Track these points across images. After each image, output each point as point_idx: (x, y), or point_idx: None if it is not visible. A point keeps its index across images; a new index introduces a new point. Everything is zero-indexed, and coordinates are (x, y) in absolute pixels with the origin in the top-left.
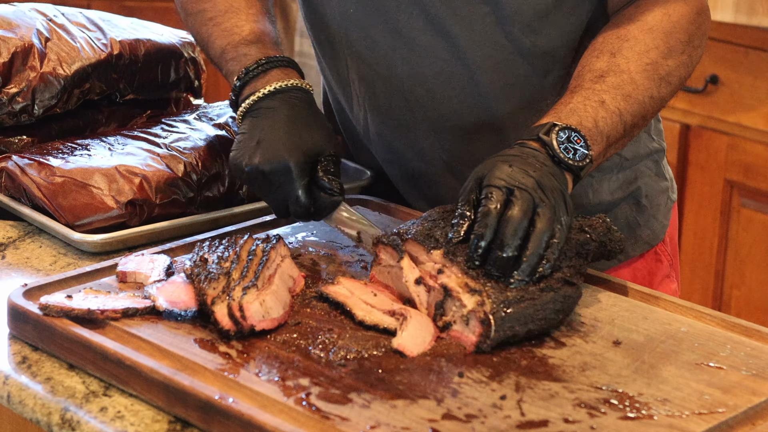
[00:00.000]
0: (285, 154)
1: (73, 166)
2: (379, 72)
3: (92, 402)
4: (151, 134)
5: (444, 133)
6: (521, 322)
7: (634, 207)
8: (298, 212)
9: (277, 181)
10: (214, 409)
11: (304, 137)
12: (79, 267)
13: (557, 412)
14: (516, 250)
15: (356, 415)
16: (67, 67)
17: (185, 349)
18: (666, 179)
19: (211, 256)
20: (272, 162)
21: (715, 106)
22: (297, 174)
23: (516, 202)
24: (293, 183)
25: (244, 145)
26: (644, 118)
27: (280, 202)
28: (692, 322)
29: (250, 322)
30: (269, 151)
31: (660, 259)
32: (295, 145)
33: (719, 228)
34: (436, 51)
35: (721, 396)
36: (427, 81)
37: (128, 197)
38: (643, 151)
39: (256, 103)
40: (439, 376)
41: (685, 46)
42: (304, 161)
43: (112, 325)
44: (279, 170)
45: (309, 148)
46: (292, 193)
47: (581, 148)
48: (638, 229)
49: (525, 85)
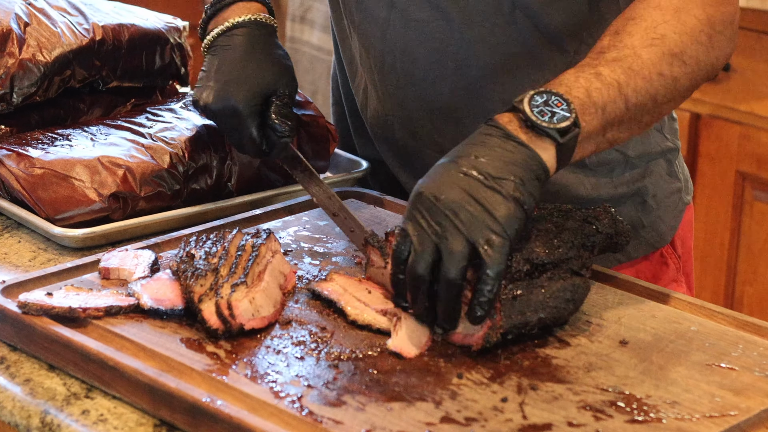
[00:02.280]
0: (234, 95)
1: (54, 157)
2: (375, 46)
3: (74, 404)
4: (136, 124)
5: (436, 114)
6: (532, 308)
7: (639, 207)
8: (251, 151)
9: (229, 120)
10: (202, 412)
11: (256, 75)
12: (60, 263)
13: (561, 415)
14: (425, 304)
15: (350, 419)
16: (48, 54)
17: (171, 349)
18: (679, 180)
19: (198, 251)
20: (222, 102)
21: (726, 94)
22: (246, 115)
23: (414, 253)
24: (243, 123)
25: (201, 84)
26: (653, 99)
27: (236, 140)
28: (703, 321)
29: (239, 321)
30: (219, 92)
31: (666, 262)
32: (245, 84)
33: (731, 222)
34: (430, 28)
35: (733, 398)
36: (420, 59)
37: (111, 190)
38: (654, 150)
39: (215, 39)
40: (438, 378)
41: (703, 25)
42: (254, 102)
43: (95, 323)
44: (228, 110)
45: (259, 87)
46: (244, 132)
47: (561, 111)
48: (642, 230)
49: (521, 72)
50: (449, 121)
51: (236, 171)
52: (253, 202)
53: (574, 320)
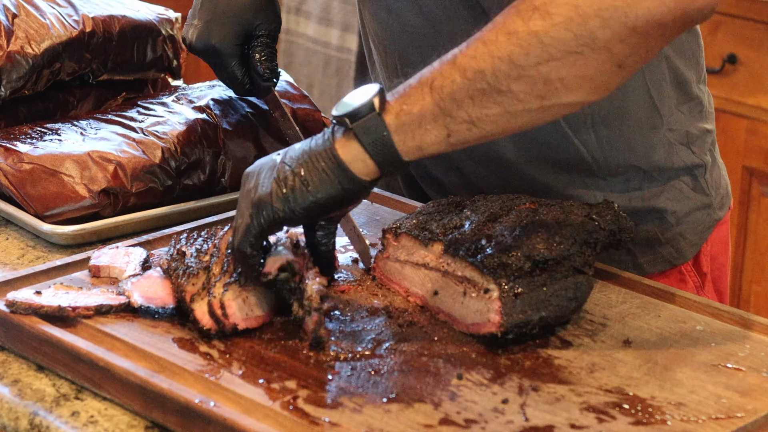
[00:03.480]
0: (213, 36)
1: (43, 152)
2: (378, 47)
3: (63, 406)
4: (127, 118)
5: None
6: (533, 307)
7: (657, 222)
8: (237, 90)
9: (212, 60)
10: (194, 413)
11: (235, 15)
12: (49, 261)
13: (563, 417)
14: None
15: (347, 420)
16: (36, 46)
17: (163, 349)
18: (707, 195)
19: (189, 249)
20: (203, 42)
21: (733, 87)
22: (226, 56)
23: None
24: (224, 63)
25: (188, 22)
26: (510, 62)
27: (222, 78)
28: (709, 320)
29: (232, 321)
30: (201, 32)
31: (684, 279)
32: (224, 24)
33: (737, 219)
34: (422, 33)
35: (739, 399)
36: (417, 64)
37: (102, 186)
38: (678, 165)
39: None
40: (437, 378)
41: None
42: (233, 40)
43: (85, 323)
44: (209, 50)
45: (238, 28)
46: (227, 73)
47: (354, 103)
48: (659, 246)
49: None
50: None
51: (230, 166)
52: None
53: (577, 319)
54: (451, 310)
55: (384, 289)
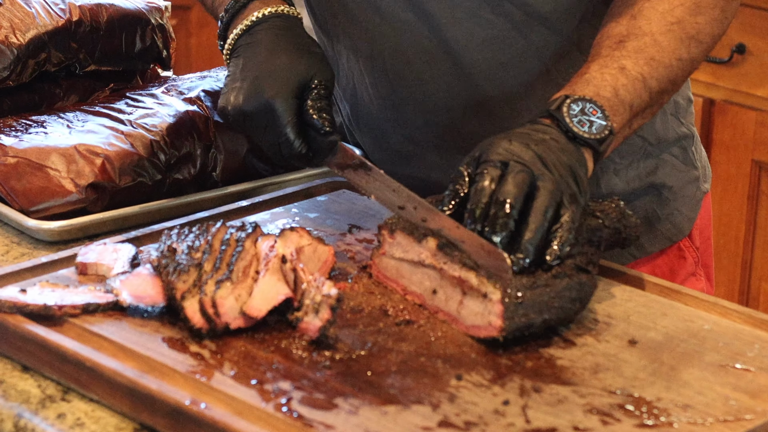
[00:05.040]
0: (265, 91)
1: (28, 145)
2: (361, 48)
3: (49, 408)
4: (115, 110)
5: (432, 114)
6: (535, 310)
7: (655, 199)
8: (293, 156)
9: (263, 122)
10: (185, 415)
11: (287, 68)
12: (35, 257)
13: (566, 419)
14: (513, 228)
15: (342, 423)
16: (21, 35)
17: (152, 348)
18: (695, 168)
19: (181, 245)
20: (253, 102)
21: (742, 78)
22: (281, 111)
23: (509, 176)
24: (279, 123)
25: (227, 88)
26: (673, 83)
27: (273, 146)
28: (716, 319)
29: (224, 320)
30: (249, 90)
31: (684, 255)
32: (276, 78)
33: (746, 214)
34: (418, 28)
35: (748, 401)
36: (410, 60)
37: (89, 180)
38: (669, 137)
39: (236, 41)
40: (435, 379)
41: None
42: (288, 96)
43: (71, 322)
44: (261, 110)
45: (292, 81)
46: (281, 134)
47: (598, 120)
48: (658, 223)
49: (518, 63)
50: (447, 121)
51: (221, 160)
52: (239, 193)
53: (581, 318)
54: (451, 310)
55: (381, 287)
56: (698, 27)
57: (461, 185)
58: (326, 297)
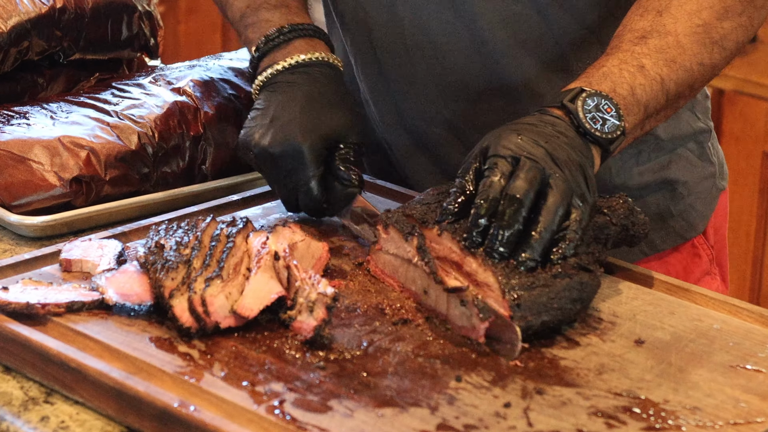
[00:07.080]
0: (299, 137)
1: (10, 137)
2: (377, 18)
3: (32, 410)
4: (100, 100)
5: (449, 91)
6: (534, 312)
7: (668, 194)
8: (309, 205)
9: (288, 166)
10: (173, 418)
11: (324, 119)
12: (17, 254)
13: (570, 422)
14: (521, 226)
15: (337, 426)
16: (3, 23)
17: (139, 349)
18: (712, 164)
19: (169, 241)
20: (283, 144)
21: (752, 67)
22: (310, 160)
23: (520, 172)
24: (305, 170)
25: (256, 123)
26: (691, 88)
27: (290, 192)
28: (726, 318)
29: (214, 319)
30: (281, 132)
31: (698, 253)
32: (312, 127)
33: (757, 208)
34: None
35: (759, 403)
36: (430, 30)
37: (73, 173)
38: (685, 131)
39: (274, 76)
40: (434, 381)
41: (746, 5)
42: (320, 146)
43: (55, 321)
44: (290, 154)
45: (327, 132)
46: (304, 181)
47: (611, 119)
48: (670, 220)
49: (539, 45)
50: (464, 100)
51: (211, 153)
52: (230, 186)
53: (585, 318)
54: (442, 310)
55: (378, 284)
56: (723, 32)
57: (468, 180)
58: (322, 295)
